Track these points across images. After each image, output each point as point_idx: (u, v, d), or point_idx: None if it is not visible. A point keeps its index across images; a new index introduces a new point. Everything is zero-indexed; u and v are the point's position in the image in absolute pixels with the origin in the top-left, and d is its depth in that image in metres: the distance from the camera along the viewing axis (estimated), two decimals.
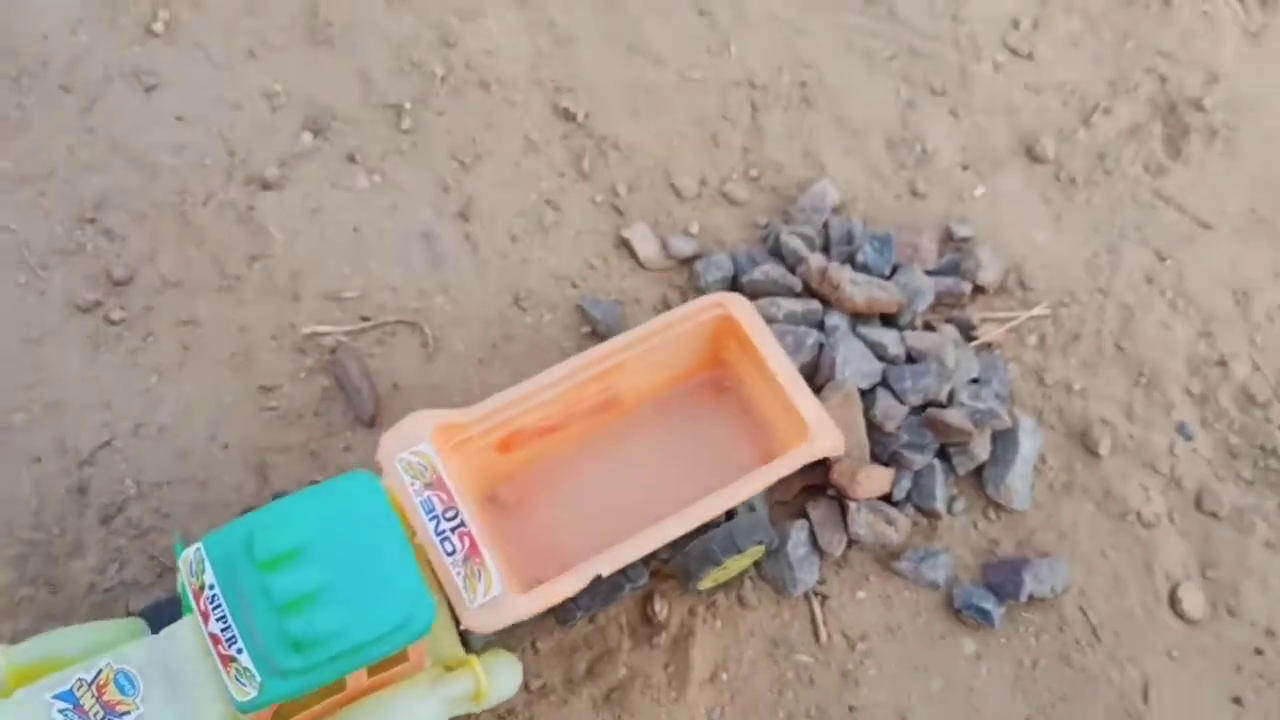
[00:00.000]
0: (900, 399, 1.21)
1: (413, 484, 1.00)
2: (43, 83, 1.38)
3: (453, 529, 0.99)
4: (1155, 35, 1.54)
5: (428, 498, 1.00)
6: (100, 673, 0.88)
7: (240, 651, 0.83)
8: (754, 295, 1.28)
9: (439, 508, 0.99)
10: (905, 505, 1.22)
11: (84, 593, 1.14)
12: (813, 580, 1.18)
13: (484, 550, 0.98)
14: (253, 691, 0.83)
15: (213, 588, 0.85)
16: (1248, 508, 1.24)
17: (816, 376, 1.23)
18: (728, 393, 1.18)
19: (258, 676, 0.83)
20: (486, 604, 0.96)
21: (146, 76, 1.40)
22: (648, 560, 1.07)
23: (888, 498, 1.21)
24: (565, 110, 1.41)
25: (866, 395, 1.22)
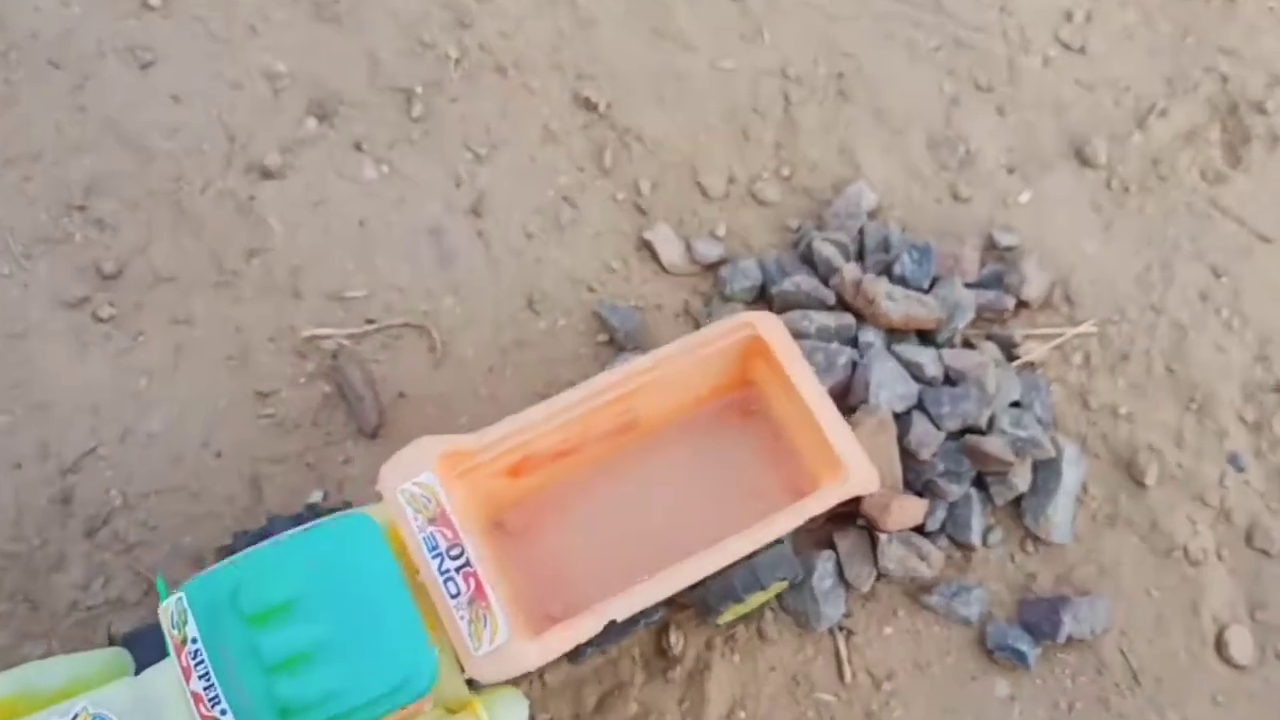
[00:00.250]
0: (937, 424, 1.14)
1: (415, 518, 0.93)
2: (31, 57, 1.30)
3: (457, 569, 0.91)
4: (1217, 31, 1.44)
5: (430, 534, 0.93)
6: (76, 717, 0.82)
7: (224, 714, 0.76)
8: (784, 307, 1.20)
9: (443, 545, 0.92)
10: (938, 537, 1.15)
11: (65, 610, 1.08)
12: (838, 614, 1.11)
13: (490, 593, 0.91)
14: None
15: (195, 642, 0.78)
16: None
17: (848, 397, 1.16)
18: (754, 416, 1.10)
19: None
20: (493, 652, 0.90)
21: (142, 52, 1.31)
22: None
23: (920, 528, 1.14)
24: (586, 99, 1.33)
25: (901, 419, 1.15)
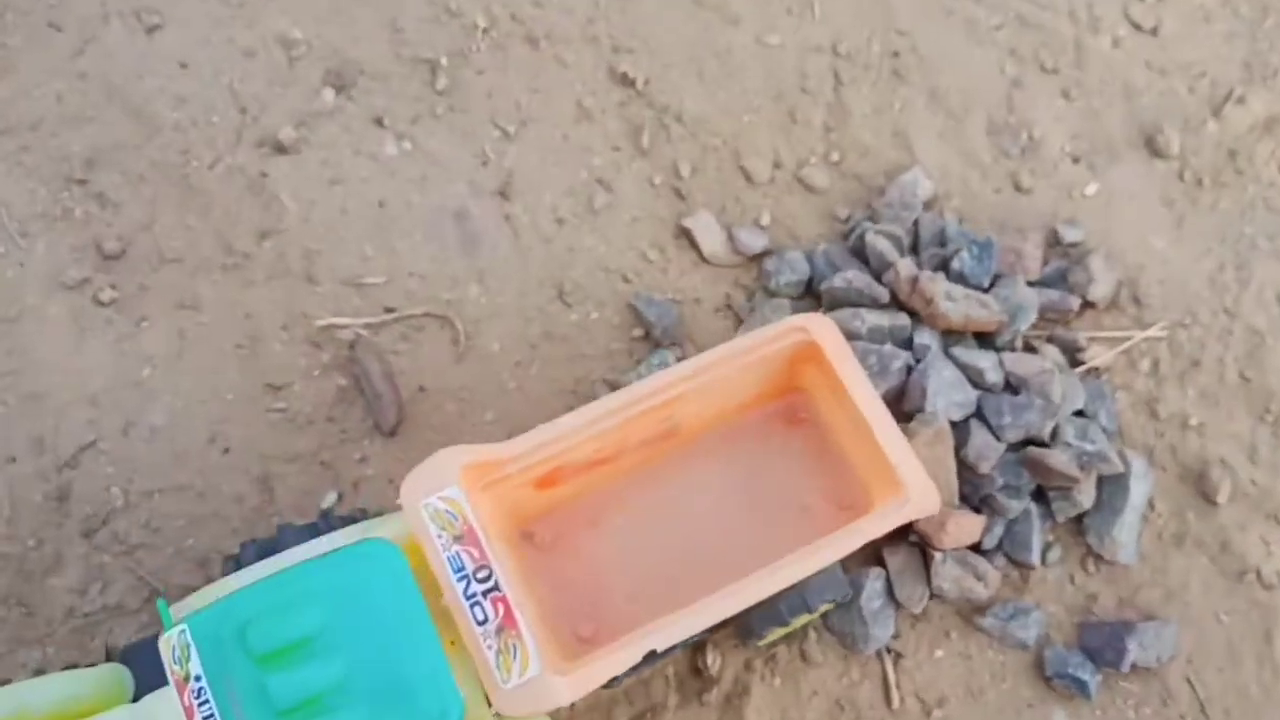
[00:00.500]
0: (997, 435, 1.06)
1: (439, 536, 0.85)
2: (30, 19, 1.22)
3: (485, 592, 0.84)
4: None
5: (456, 553, 0.85)
6: None
7: None
8: (833, 304, 1.12)
9: (469, 566, 0.85)
10: (995, 555, 1.07)
11: (62, 616, 1.02)
12: (886, 636, 1.04)
13: (521, 621, 0.83)
14: None
15: (199, 680, 0.71)
16: None
17: (903, 403, 1.08)
18: (803, 425, 1.02)
19: None
20: (522, 685, 0.82)
21: (148, 15, 1.23)
22: None
23: (976, 546, 1.06)
24: (623, 74, 1.24)
25: (958, 428, 1.07)
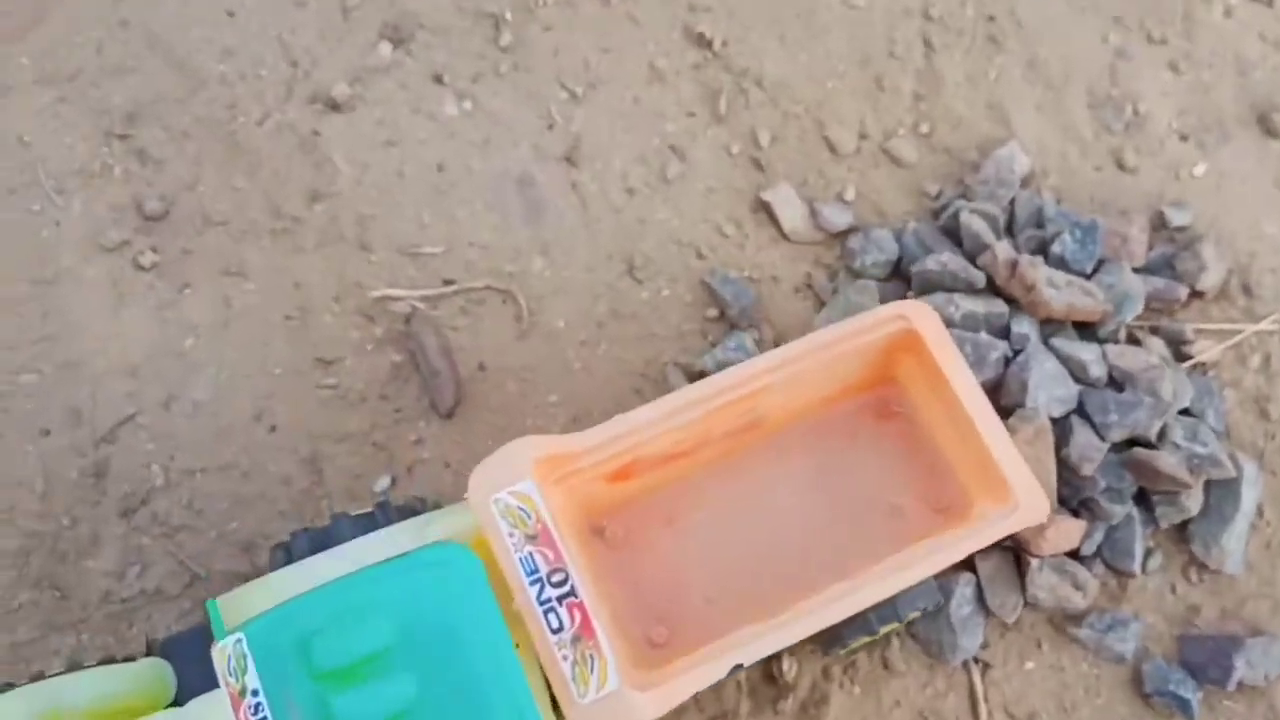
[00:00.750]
0: (1100, 434, 0.99)
1: (511, 535, 0.78)
2: None
3: (560, 598, 0.77)
4: None
5: (529, 554, 0.78)
6: None
7: None
8: (923, 288, 1.05)
9: (544, 568, 0.78)
10: (1093, 562, 1.00)
11: (97, 600, 0.96)
12: (975, 646, 0.98)
13: (599, 630, 0.76)
14: None
15: (256, 695, 0.64)
16: None
17: (1000, 396, 1.00)
18: (894, 419, 0.95)
19: None
20: (600, 701, 0.76)
21: None
22: None
23: (1074, 552, 0.99)
24: (699, 34, 1.16)
25: (1057, 425, 0.99)
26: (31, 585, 0.95)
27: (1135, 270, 1.08)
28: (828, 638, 0.93)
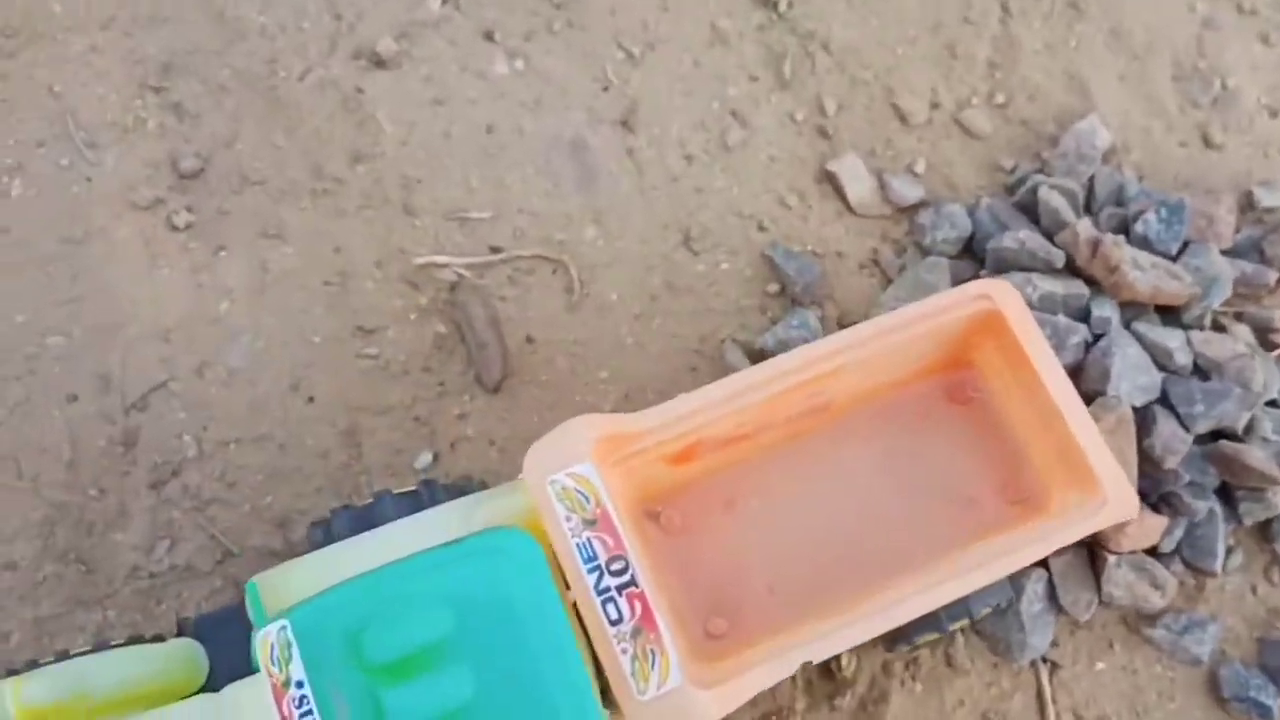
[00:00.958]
0: (1185, 425, 0.93)
1: (569, 519, 0.74)
2: None
3: (619, 587, 0.72)
4: None
5: (587, 540, 0.73)
6: None
7: None
8: (998, 267, 0.99)
9: (602, 556, 0.73)
10: (1172, 560, 0.95)
11: (125, 575, 0.92)
12: (1044, 644, 0.93)
13: (661, 623, 0.72)
14: None
15: (301, 687, 0.59)
16: None
17: (1079, 383, 0.95)
18: (969, 404, 0.89)
19: None
20: (660, 698, 0.71)
21: None
22: None
23: (1152, 549, 0.93)
24: None
25: (1139, 414, 0.94)
26: (56, 558, 0.91)
27: (1223, 253, 1.02)
28: (892, 633, 0.88)
